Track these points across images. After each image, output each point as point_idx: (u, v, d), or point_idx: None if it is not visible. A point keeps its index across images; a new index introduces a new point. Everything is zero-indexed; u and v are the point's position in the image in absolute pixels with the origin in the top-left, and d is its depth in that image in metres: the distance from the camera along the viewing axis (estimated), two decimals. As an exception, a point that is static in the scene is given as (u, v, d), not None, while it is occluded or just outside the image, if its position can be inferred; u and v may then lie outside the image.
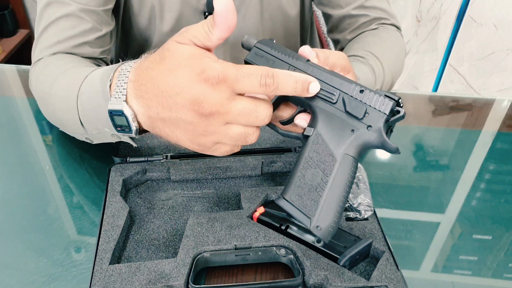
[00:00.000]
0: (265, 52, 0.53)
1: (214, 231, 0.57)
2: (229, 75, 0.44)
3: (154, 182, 0.69)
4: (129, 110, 0.49)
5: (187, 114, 0.45)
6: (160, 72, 0.46)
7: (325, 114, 0.49)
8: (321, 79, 0.49)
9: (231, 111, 0.45)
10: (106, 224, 0.58)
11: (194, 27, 0.46)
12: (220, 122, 0.45)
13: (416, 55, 1.96)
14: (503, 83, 1.96)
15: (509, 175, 0.77)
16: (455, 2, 1.80)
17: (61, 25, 0.72)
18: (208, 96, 0.44)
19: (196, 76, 0.44)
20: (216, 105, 0.44)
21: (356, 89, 0.48)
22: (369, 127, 0.47)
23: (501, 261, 0.62)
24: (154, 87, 0.47)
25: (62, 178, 0.72)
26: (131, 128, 0.50)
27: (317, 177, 0.48)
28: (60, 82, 0.64)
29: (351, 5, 0.85)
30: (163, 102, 0.46)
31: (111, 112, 0.51)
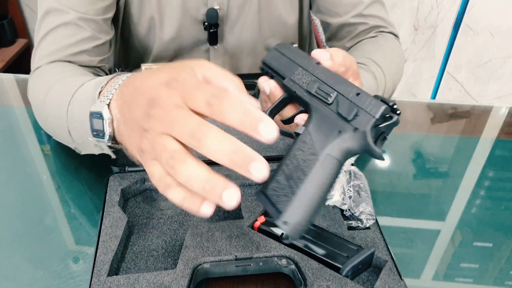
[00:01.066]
0: (281, 54, 0.55)
1: (214, 241, 0.56)
2: (187, 84, 0.40)
3: (153, 191, 0.68)
4: (108, 113, 0.48)
5: (139, 113, 0.41)
6: (144, 74, 0.44)
7: (318, 114, 0.49)
8: (322, 80, 0.49)
9: (169, 117, 0.38)
10: (104, 234, 0.58)
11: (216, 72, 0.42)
12: (159, 128, 0.39)
13: (414, 62, 1.97)
14: (501, 90, 1.97)
15: (508, 182, 0.77)
16: (452, 10, 1.82)
17: (60, 34, 0.72)
18: (160, 97, 0.40)
19: (164, 81, 0.41)
20: (162, 108, 0.39)
21: (353, 92, 0.47)
22: (356, 129, 0.46)
23: (502, 268, 0.61)
24: (132, 88, 0.45)
25: (59, 187, 0.71)
26: (105, 132, 0.48)
27: (296, 174, 0.46)
28: (56, 88, 0.63)
29: (349, 13, 0.85)
30: (130, 101, 0.44)
31: (91, 115, 0.50)
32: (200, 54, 0.89)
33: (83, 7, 0.72)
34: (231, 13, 0.84)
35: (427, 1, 1.81)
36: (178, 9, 0.82)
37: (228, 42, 0.88)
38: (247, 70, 0.93)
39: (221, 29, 0.86)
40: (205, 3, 0.82)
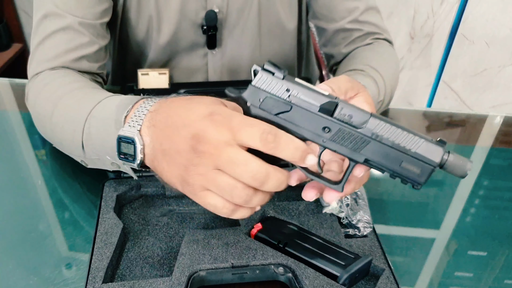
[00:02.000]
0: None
1: (210, 249, 0.56)
2: (234, 119, 0.43)
3: (148, 198, 0.67)
4: (140, 140, 0.49)
5: (185, 147, 0.45)
6: (178, 104, 0.48)
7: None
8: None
9: (222, 155, 0.43)
10: (99, 241, 0.57)
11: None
12: (210, 164, 0.43)
13: (410, 71, 1.98)
14: (496, 99, 1.98)
15: (503, 191, 0.77)
16: (448, 19, 1.83)
17: (58, 38, 0.71)
18: (208, 134, 0.43)
19: (206, 114, 0.44)
20: (211, 144, 0.43)
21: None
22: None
23: (497, 277, 0.61)
24: (167, 117, 0.47)
25: (54, 193, 0.70)
26: (136, 158, 0.50)
27: None
28: (66, 102, 0.63)
29: (345, 19, 0.86)
30: (169, 133, 0.46)
31: (120, 138, 0.51)
32: (197, 58, 0.88)
33: (81, 11, 0.71)
34: (230, 17, 0.85)
35: (423, 10, 1.82)
36: (177, 12, 0.81)
37: (226, 47, 0.88)
38: (245, 76, 0.93)
39: (219, 33, 0.86)
40: (204, 7, 0.82)
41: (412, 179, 0.44)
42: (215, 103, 0.46)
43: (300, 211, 0.63)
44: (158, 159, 0.48)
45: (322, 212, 0.62)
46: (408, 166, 0.43)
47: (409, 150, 0.43)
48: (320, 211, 0.63)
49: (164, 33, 0.84)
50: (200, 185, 0.45)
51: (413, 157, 0.43)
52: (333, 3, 0.86)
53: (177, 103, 0.48)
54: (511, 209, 0.73)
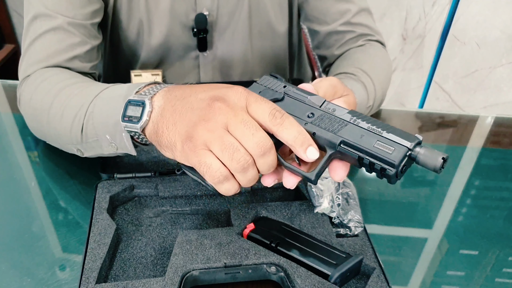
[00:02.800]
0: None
1: (203, 249, 0.56)
2: (251, 95, 0.48)
3: (142, 198, 0.68)
4: (150, 104, 0.52)
5: (200, 104, 0.48)
6: (199, 85, 0.52)
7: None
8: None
9: (236, 116, 0.46)
10: (92, 242, 0.57)
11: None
12: (222, 122, 0.46)
13: (403, 72, 1.99)
14: (487, 100, 2.00)
15: (494, 191, 0.78)
16: (439, 21, 1.85)
17: (49, 39, 0.71)
18: (227, 96, 0.47)
19: (227, 87, 0.49)
20: (228, 104, 0.47)
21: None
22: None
23: (488, 276, 0.62)
24: (186, 88, 0.51)
25: (48, 195, 0.70)
26: (142, 119, 0.51)
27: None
28: (70, 92, 0.64)
29: (337, 21, 0.86)
30: (185, 96, 0.50)
31: (129, 102, 0.53)
32: (189, 60, 0.89)
33: (72, 12, 0.71)
34: (221, 20, 0.85)
35: (415, 11, 1.84)
36: (167, 14, 0.82)
37: (218, 49, 0.88)
38: (237, 78, 0.93)
39: (210, 35, 0.86)
40: (194, 9, 0.82)
41: (384, 160, 0.44)
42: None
43: (292, 211, 0.63)
44: (165, 117, 0.50)
45: (313, 212, 0.63)
46: (381, 146, 0.45)
47: (384, 133, 0.45)
48: (312, 211, 0.63)
49: (155, 36, 0.84)
50: (204, 142, 0.46)
51: (387, 138, 0.45)
52: (325, 5, 0.86)
53: (197, 84, 0.52)
54: (502, 209, 0.74)
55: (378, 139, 0.45)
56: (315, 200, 0.63)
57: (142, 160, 0.72)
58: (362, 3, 0.88)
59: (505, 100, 1.99)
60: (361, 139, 0.46)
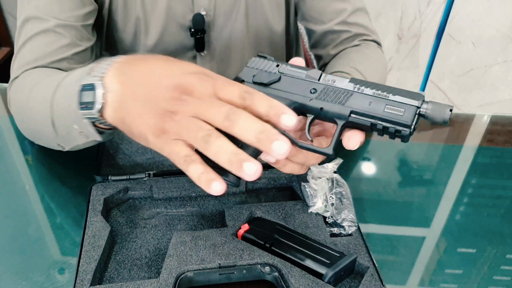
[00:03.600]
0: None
1: (197, 250, 0.56)
2: (218, 77, 0.46)
3: (136, 200, 0.68)
4: (101, 86, 0.48)
5: (166, 94, 0.45)
6: (158, 58, 0.48)
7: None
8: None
9: (203, 103, 0.44)
10: (87, 244, 0.57)
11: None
12: (190, 111, 0.44)
13: (399, 71, 2.00)
14: (483, 99, 2.01)
15: (490, 189, 0.78)
16: (435, 20, 1.85)
17: (39, 42, 0.71)
18: (193, 86, 0.45)
19: (192, 71, 0.46)
20: (195, 95, 0.45)
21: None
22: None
23: (485, 274, 0.62)
24: (146, 67, 0.48)
25: (43, 197, 0.70)
26: (95, 103, 0.48)
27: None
28: (39, 86, 0.63)
29: (333, 20, 0.86)
30: (146, 80, 0.47)
31: (82, 87, 0.50)
32: (186, 60, 0.88)
33: (63, 14, 0.72)
34: (218, 19, 0.85)
35: (410, 11, 1.84)
36: (164, 15, 0.82)
37: (215, 49, 0.89)
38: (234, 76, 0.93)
39: (207, 35, 0.86)
40: (191, 9, 0.82)
41: (397, 122, 0.45)
42: (199, 66, 0.48)
43: (286, 211, 0.63)
44: (128, 106, 0.47)
45: (307, 212, 0.63)
46: (391, 110, 0.45)
47: (390, 96, 0.46)
48: (306, 211, 0.63)
49: (152, 36, 0.84)
50: (176, 133, 0.45)
51: (395, 101, 0.45)
52: (321, 5, 0.86)
53: (155, 57, 0.49)
54: (499, 207, 0.74)
55: (387, 103, 0.45)
56: (309, 200, 0.63)
57: (136, 161, 0.72)
58: (358, 3, 0.88)
59: (501, 98, 2.00)
60: (370, 106, 0.46)
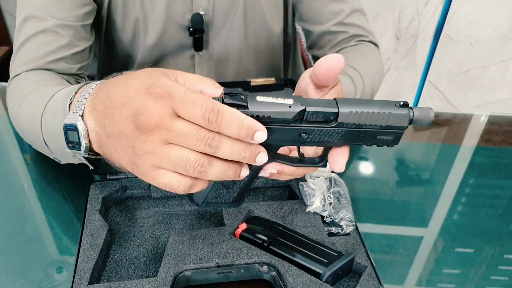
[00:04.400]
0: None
1: (195, 249, 0.56)
2: (175, 94, 0.40)
3: (134, 199, 0.68)
4: (82, 125, 0.47)
5: (128, 127, 0.42)
6: (116, 83, 0.45)
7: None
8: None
9: (172, 128, 0.40)
10: (85, 243, 0.57)
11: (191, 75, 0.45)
12: (159, 140, 0.41)
13: (397, 71, 2.00)
14: (480, 99, 2.01)
15: (488, 189, 0.79)
16: (432, 20, 1.86)
17: (38, 41, 0.71)
18: (149, 109, 0.41)
19: (144, 89, 0.42)
20: (155, 119, 0.40)
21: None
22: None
23: (483, 274, 0.63)
24: (106, 99, 0.45)
25: (41, 196, 0.70)
26: (81, 144, 0.47)
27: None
28: (29, 100, 0.63)
29: (330, 21, 0.87)
30: (110, 114, 0.44)
31: (65, 127, 0.49)
32: (185, 60, 0.89)
33: (62, 14, 0.72)
34: (217, 19, 0.85)
35: (408, 11, 1.85)
36: (163, 15, 0.82)
37: (213, 48, 0.89)
38: (233, 77, 0.93)
39: (206, 35, 0.86)
40: (190, 9, 0.83)
41: (387, 144, 0.47)
42: (154, 75, 0.43)
43: (284, 211, 0.63)
44: (104, 143, 0.46)
45: (305, 211, 0.63)
46: (382, 137, 0.46)
47: (380, 126, 0.46)
48: (304, 210, 0.63)
49: (151, 36, 0.84)
50: (151, 164, 0.42)
51: (385, 129, 0.46)
52: (319, 5, 0.87)
53: (114, 82, 0.45)
54: (496, 207, 0.74)
55: (377, 133, 0.46)
56: (307, 199, 0.63)
57: (135, 161, 0.72)
58: (355, 4, 0.88)
59: (498, 98, 2.00)
60: (361, 138, 0.46)
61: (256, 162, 0.43)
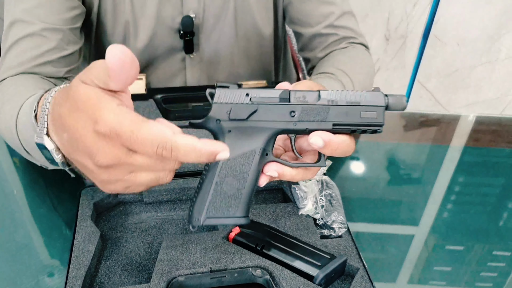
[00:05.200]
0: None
1: (188, 254, 0.56)
2: (122, 134, 0.38)
3: (126, 205, 0.67)
4: (50, 143, 0.46)
5: (89, 165, 0.41)
6: (64, 112, 0.42)
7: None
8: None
9: (132, 163, 0.40)
10: (76, 249, 0.57)
11: (96, 67, 0.40)
12: (123, 172, 0.41)
13: (387, 72, 2.01)
14: (468, 99, 2.04)
15: (477, 187, 0.80)
16: (421, 21, 1.87)
17: (25, 45, 0.71)
18: (102, 150, 0.39)
19: (89, 126, 0.39)
20: (112, 159, 0.39)
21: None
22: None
23: (473, 270, 0.63)
24: (62, 126, 0.43)
25: (31, 203, 0.70)
26: (56, 160, 0.47)
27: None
28: (4, 109, 0.62)
29: (321, 23, 0.87)
30: (70, 143, 0.42)
31: (38, 145, 0.47)
32: (175, 62, 0.89)
33: (50, 18, 0.71)
34: (207, 22, 0.85)
35: (397, 12, 1.86)
36: (153, 17, 0.82)
37: (204, 51, 0.89)
38: (224, 79, 0.93)
39: (197, 37, 0.86)
40: (180, 12, 0.83)
41: (374, 124, 0.50)
42: (97, 108, 0.39)
43: (277, 214, 0.64)
44: (71, 157, 0.44)
45: (298, 214, 0.63)
46: (367, 114, 0.49)
47: (361, 103, 0.49)
48: (296, 213, 0.64)
49: (141, 39, 0.84)
50: (124, 187, 0.42)
51: (367, 106, 0.49)
52: (309, 8, 0.87)
53: (63, 109, 0.42)
54: (485, 205, 0.75)
55: (361, 109, 0.49)
56: (299, 202, 0.64)
57: (126, 165, 0.72)
58: (345, 6, 0.88)
59: (485, 98, 2.03)
60: (348, 116, 0.49)
61: (219, 160, 0.46)
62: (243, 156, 0.49)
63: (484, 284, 0.62)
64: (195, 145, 0.39)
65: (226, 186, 0.49)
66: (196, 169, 0.71)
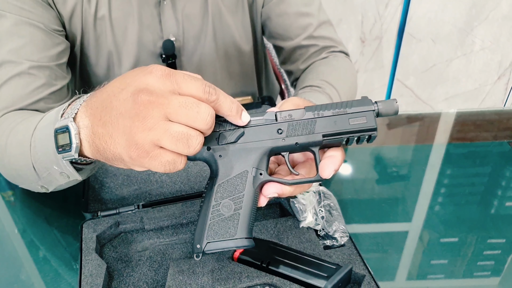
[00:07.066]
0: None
1: (196, 278, 0.57)
2: (176, 72, 0.45)
3: (128, 233, 0.68)
4: (74, 126, 0.48)
5: (127, 106, 0.43)
6: (112, 82, 0.48)
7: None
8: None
9: (172, 102, 0.43)
10: (84, 284, 0.57)
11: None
12: (159, 115, 0.43)
13: (365, 73, 2.05)
14: (447, 92, 2.08)
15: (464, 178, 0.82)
16: (394, 21, 1.91)
17: (14, 85, 0.71)
18: (151, 85, 0.43)
19: (144, 71, 0.45)
20: (156, 94, 0.43)
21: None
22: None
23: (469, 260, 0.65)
24: (102, 93, 0.47)
25: (32, 241, 0.69)
26: (72, 144, 0.48)
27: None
28: (17, 129, 0.63)
29: (300, 36, 0.89)
30: (106, 104, 0.45)
31: (56, 131, 0.50)
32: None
33: (36, 55, 0.72)
34: (188, 44, 0.86)
35: (370, 14, 1.90)
36: (135, 45, 0.82)
37: None
38: None
39: (179, 60, 0.87)
40: (160, 36, 0.83)
41: (366, 129, 0.50)
42: (158, 66, 0.45)
43: (278, 229, 0.65)
44: (99, 133, 0.46)
45: (299, 227, 0.65)
46: (355, 121, 0.50)
47: (347, 111, 0.50)
48: (297, 226, 0.65)
49: (125, 67, 0.84)
50: (151, 142, 0.43)
51: (355, 112, 0.50)
52: (287, 22, 0.89)
53: (110, 82, 0.48)
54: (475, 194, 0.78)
55: (349, 117, 0.50)
56: (299, 215, 0.65)
57: (124, 193, 0.72)
58: (322, 16, 0.90)
59: (464, 90, 2.08)
60: (336, 125, 0.50)
61: (241, 120, 0.49)
62: (236, 177, 0.50)
63: (483, 272, 0.64)
64: (230, 96, 0.47)
65: (223, 208, 0.50)
66: (193, 192, 0.72)
